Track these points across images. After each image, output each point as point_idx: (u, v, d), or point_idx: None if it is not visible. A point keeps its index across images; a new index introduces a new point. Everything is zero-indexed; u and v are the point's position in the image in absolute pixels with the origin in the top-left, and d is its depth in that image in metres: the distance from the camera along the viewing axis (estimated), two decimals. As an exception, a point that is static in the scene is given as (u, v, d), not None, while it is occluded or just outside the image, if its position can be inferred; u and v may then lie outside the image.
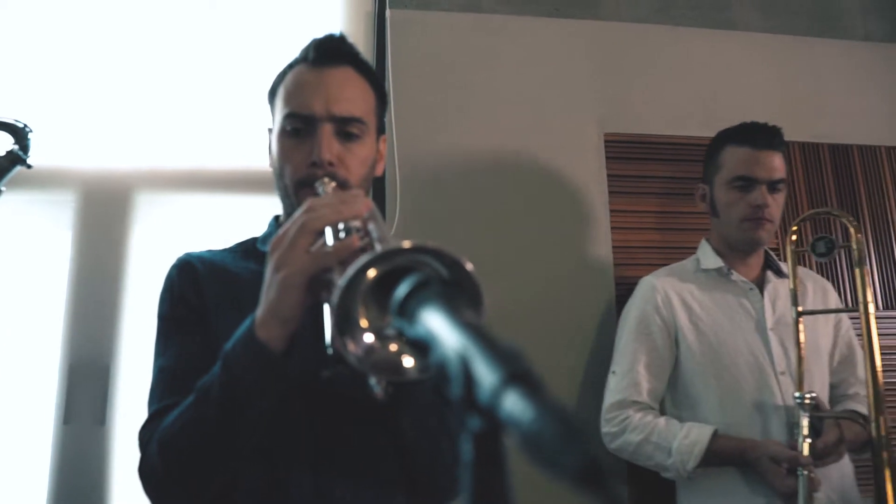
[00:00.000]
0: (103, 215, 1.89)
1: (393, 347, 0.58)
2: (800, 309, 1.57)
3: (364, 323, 0.58)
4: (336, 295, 0.57)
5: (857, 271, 1.57)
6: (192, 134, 1.95)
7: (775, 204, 1.66)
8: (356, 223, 0.78)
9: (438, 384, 0.91)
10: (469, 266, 0.53)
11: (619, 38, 2.21)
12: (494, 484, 0.34)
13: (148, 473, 0.90)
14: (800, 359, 1.53)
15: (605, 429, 1.66)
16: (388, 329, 0.58)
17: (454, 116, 2.04)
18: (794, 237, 1.64)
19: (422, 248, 0.54)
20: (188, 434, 0.85)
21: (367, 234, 0.77)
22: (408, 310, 0.47)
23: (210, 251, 1.10)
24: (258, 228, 1.15)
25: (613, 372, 1.72)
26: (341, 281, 0.57)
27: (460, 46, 2.10)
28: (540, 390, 0.31)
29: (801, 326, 1.57)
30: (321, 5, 2.07)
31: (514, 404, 0.31)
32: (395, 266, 0.55)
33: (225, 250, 1.11)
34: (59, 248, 1.86)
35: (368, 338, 0.58)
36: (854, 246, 1.59)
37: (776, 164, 1.66)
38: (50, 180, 1.88)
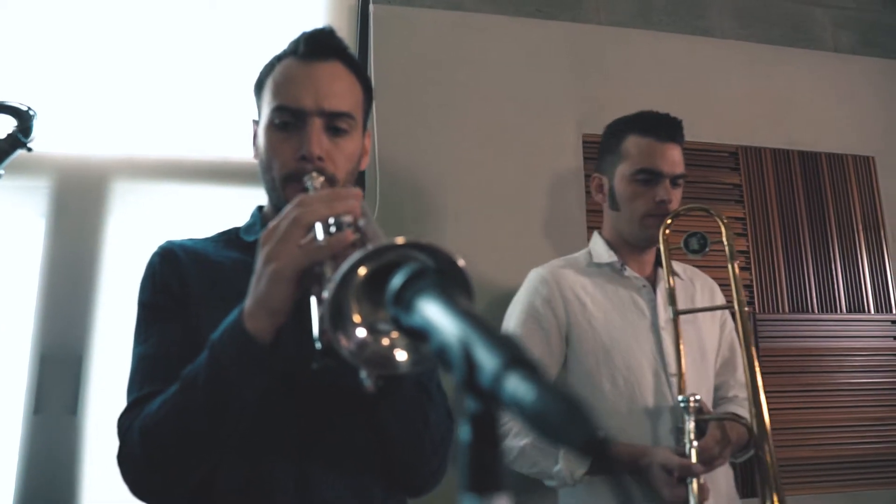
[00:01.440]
0: (78, 203, 1.86)
1: (385, 342, 0.59)
2: (681, 307, 1.54)
3: (357, 317, 0.59)
4: (330, 289, 0.58)
5: (729, 267, 1.52)
6: (171, 123, 1.93)
7: (675, 199, 1.59)
8: (348, 218, 0.79)
9: (421, 378, 0.94)
10: (462, 262, 0.55)
11: (598, 40, 2.24)
12: (491, 464, 0.36)
13: (127, 461, 0.90)
14: (679, 361, 1.49)
15: None
16: (381, 323, 0.59)
17: (435, 113, 2.06)
18: (667, 231, 1.56)
19: (416, 244, 0.55)
20: (172, 422, 0.85)
21: (358, 229, 0.78)
22: (404, 299, 0.48)
23: (192, 239, 1.10)
24: (236, 219, 1.16)
25: None
26: (335, 275, 0.58)
27: (442, 44, 2.12)
28: (538, 374, 0.33)
29: (681, 326, 1.53)
30: (304, -2, 2.07)
31: (516, 386, 0.33)
32: (386, 262, 0.57)
33: (207, 239, 1.11)
34: (33, 235, 1.83)
35: (361, 332, 0.59)
36: (725, 242, 1.54)
37: (678, 157, 1.60)
38: (24, 166, 1.83)
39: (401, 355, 0.59)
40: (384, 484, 0.98)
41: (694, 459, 1.37)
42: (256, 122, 1.09)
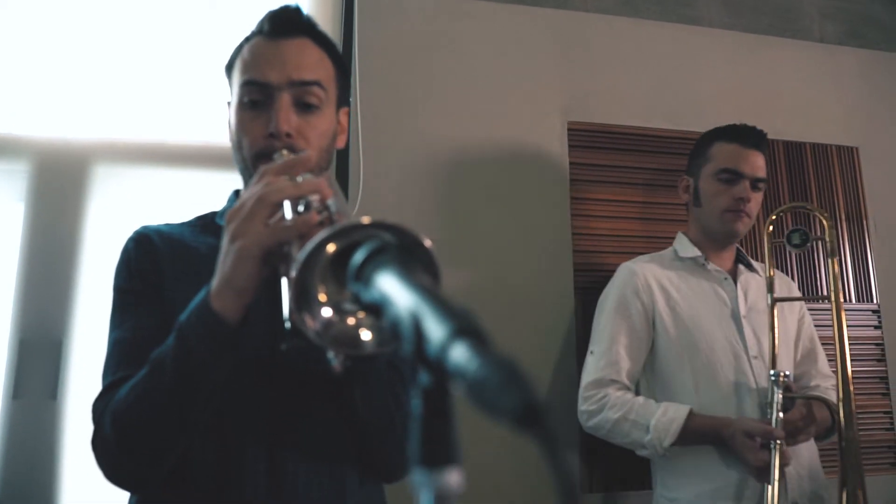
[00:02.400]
0: (58, 187, 1.84)
1: (351, 321, 0.59)
2: (775, 296, 1.68)
3: (322, 297, 0.59)
4: (295, 269, 0.57)
5: (830, 262, 1.68)
6: (153, 106, 1.91)
7: (755, 201, 1.75)
8: (315, 197, 0.78)
9: (393, 359, 0.93)
10: (428, 243, 0.55)
11: (584, 28, 2.23)
12: (442, 437, 0.36)
13: (100, 446, 0.89)
14: (773, 342, 1.62)
15: (583, 406, 1.70)
16: (347, 303, 0.59)
17: (420, 99, 2.05)
18: (770, 227, 1.74)
19: (382, 224, 0.54)
20: (141, 405, 0.85)
21: (326, 208, 0.78)
22: (364, 274, 0.48)
23: (168, 224, 1.09)
24: (218, 203, 1.14)
25: (591, 352, 1.75)
26: (300, 255, 0.57)
27: (428, 29, 2.10)
28: (486, 343, 0.33)
29: (775, 312, 1.68)
30: (288, -19, 2.04)
31: (460, 356, 0.32)
32: (353, 241, 0.56)
33: (183, 224, 1.10)
34: (12, 219, 1.81)
35: (327, 312, 0.59)
36: (827, 239, 1.68)
37: (760, 163, 1.75)
38: (2, 149, 1.83)
39: (366, 335, 0.59)
40: (358, 468, 0.97)
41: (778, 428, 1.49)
42: (230, 104, 1.08)
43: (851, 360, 2.17)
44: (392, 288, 0.43)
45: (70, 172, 1.86)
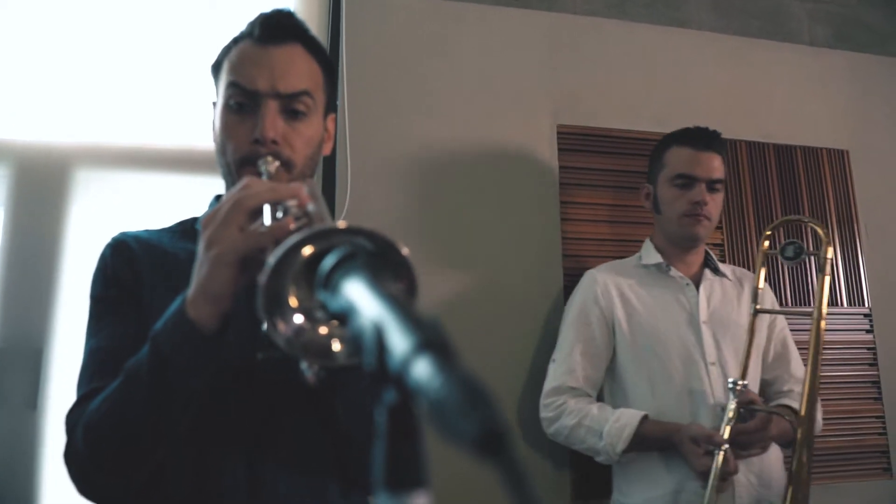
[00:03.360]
0: (39, 192, 1.80)
1: (323, 330, 0.57)
2: (758, 307, 1.67)
3: (294, 302, 0.56)
4: (265, 274, 0.55)
5: (821, 278, 1.63)
6: (134, 110, 1.88)
7: (713, 203, 1.74)
8: (293, 202, 0.76)
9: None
10: (405, 251, 0.52)
11: (574, 31, 2.22)
12: (409, 458, 0.33)
13: (73, 459, 0.87)
14: (748, 352, 1.61)
15: (543, 414, 1.73)
16: (319, 311, 0.56)
17: (408, 102, 2.02)
18: (766, 243, 1.73)
19: (357, 229, 0.52)
20: (114, 417, 0.82)
21: (305, 214, 0.75)
22: (332, 282, 0.45)
23: (147, 230, 1.07)
24: (200, 208, 1.12)
25: (553, 360, 1.78)
26: (270, 259, 0.55)
27: (417, 31, 2.08)
28: (451, 359, 0.30)
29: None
30: (274, -17, 2.02)
31: (422, 372, 0.30)
32: (329, 246, 0.54)
33: (162, 230, 1.08)
34: (-9, 224, 1.78)
35: (298, 319, 0.57)
36: (823, 254, 1.65)
37: (715, 164, 1.74)
38: (-19, 153, 1.79)
39: (336, 345, 0.56)
40: (341, 482, 0.94)
41: (726, 437, 1.49)
42: (215, 105, 1.05)
43: (842, 365, 2.19)
44: (358, 296, 0.40)
45: (51, 177, 1.82)
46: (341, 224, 0.53)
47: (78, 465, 0.86)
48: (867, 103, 2.46)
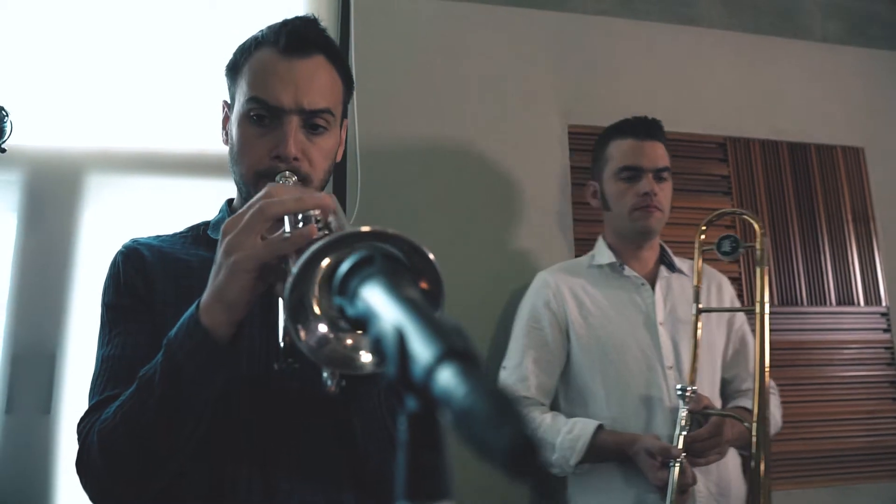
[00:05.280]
0: (52, 197, 1.81)
1: (349, 341, 0.56)
2: (700, 306, 1.58)
3: (318, 311, 0.55)
4: (289, 281, 0.54)
5: (757, 271, 1.58)
6: (146, 115, 1.88)
7: (662, 192, 1.68)
8: (316, 212, 0.75)
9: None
10: (431, 255, 0.51)
11: (583, 30, 2.21)
12: (431, 469, 0.32)
13: (86, 467, 0.86)
14: (695, 355, 1.54)
15: None
16: (343, 321, 0.55)
17: (417, 103, 2.02)
18: (702, 236, 1.65)
19: (382, 233, 0.51)
20: (128, 425, 0.81)
21: (326, 225, 0.74)
22: (349, 287, 0.44)
23: (158, 237, 1.06)
24: (212, 212, 1.12)
25: (504, 367, 1.70)
26: (295, 267, 0.54)
27: (425, 33, 2.07)
28: (476, 368, 0.30)
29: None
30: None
31: (447, 381, 0.29)
32: (352, 252, 0.53)
33: (174, 236, 1.08)
34: (4, 231, 1.78)
35: (322, 327, 0.56)
36: (758, 246, 1.59)
37: (659, 153, 1.69)
38: (-6, 159, 1.80)
39: (365, 357, 0.55)
40: (354, 491, 0.93)
41: (681, 447, 1.44)
42: (228, 105, 1.04)
43: (859, 365, 2.16)
44: (378, 302, 0.39)
45: (63, 182, 1.83)
46: (365, 228, 0.52)
47: (92, 472, 0.86)
48: (882, 100, 2.43)
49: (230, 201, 1.10)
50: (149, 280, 0.97)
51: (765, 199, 2.22)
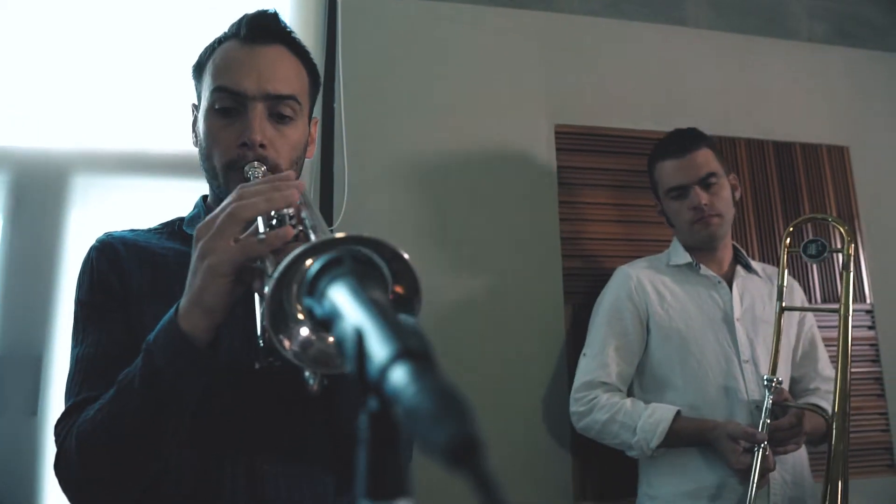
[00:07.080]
0: (38, 198, 1.80)
1: (330, 340, 0.56)
2: (784, 304, 1.65)
3: (300, 315, 0.56)
4: (270, 287, 0.54)
5: (843, 274, 1.63)
6: (133, 115, 1.88)
7: (716, 197, 1.72)
8: (289, 211, 0.76)
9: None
10: (407, 256, 0.52)
11: (571, 30, 2.21)
12: (391, 467, 0.33)
13: (65, 471, 0.86)
14: (776, 349, 1.60)
15: (574, 408, 1.72)
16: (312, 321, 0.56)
17: (404, 104, 2.02)
18: (788, 240, 1.71)
19: (359, 238, 0.51)
20: (108, 429, 0.81)
21: (300, 221, 0.75)
22: (318, 288, 0.45)
23: (133, 231, 1.06)
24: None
25: (584, 354, 1.77)
26: (275, 273, 0.54)
27: (413, 32, 2.08)
28: (429, 367, 0.30)
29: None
30: (270, -13, 2.01)
31: (398, 380, 0.29)
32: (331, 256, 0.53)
33: (149, 230, 1.07)
34: (-10, 231, 1.78)
35: (304, 331, 0.56)
36: (845, 252, 1.65)
37: (700, 160, 1.72)
38: (-21, 160, 1.79)
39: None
40: (341, 483, 0.94)
41: (762, 432, 1.49)
42: (196, 106, 1.05)
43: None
44: (342, 302, 0.40)
45: (49, 183, 1.82)
46: (342, 234, 0.52)
47: (71, 477, 0.85)
48: (867, 99, 2.45)
49: (205, 197, 1.10)
50: (123, 273, 0.96)
51: (750, 198, 2.24)
